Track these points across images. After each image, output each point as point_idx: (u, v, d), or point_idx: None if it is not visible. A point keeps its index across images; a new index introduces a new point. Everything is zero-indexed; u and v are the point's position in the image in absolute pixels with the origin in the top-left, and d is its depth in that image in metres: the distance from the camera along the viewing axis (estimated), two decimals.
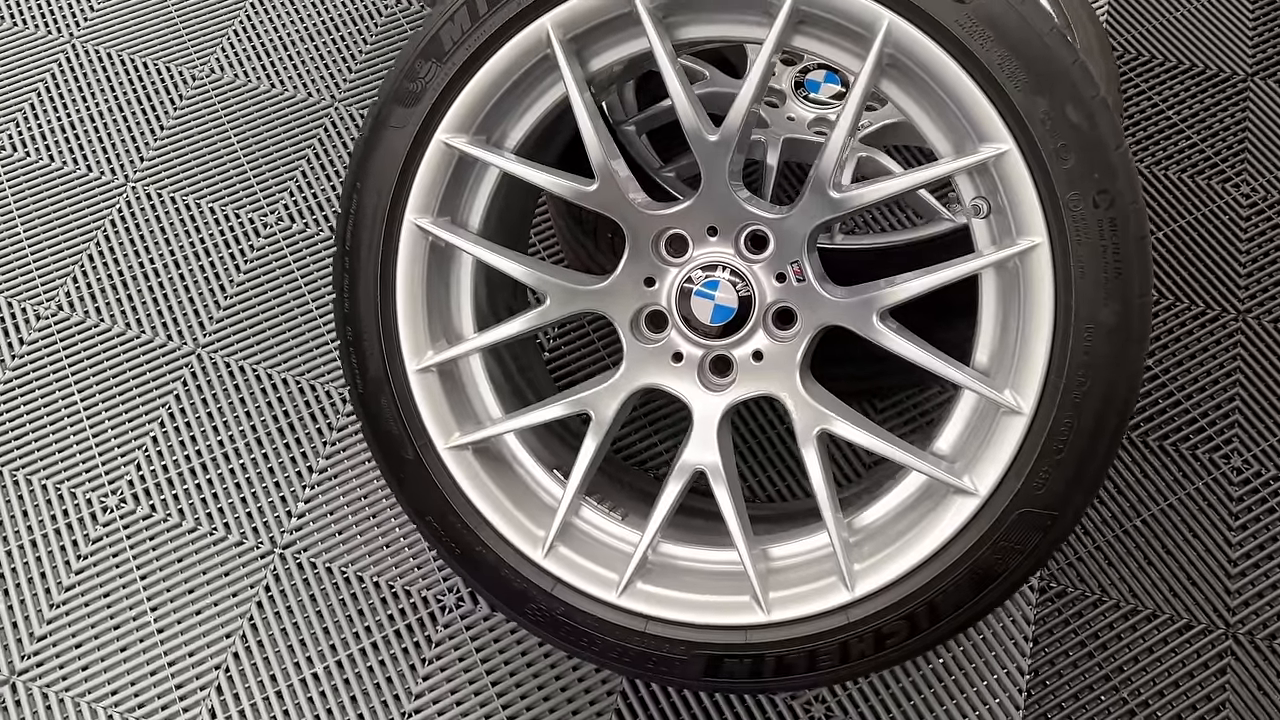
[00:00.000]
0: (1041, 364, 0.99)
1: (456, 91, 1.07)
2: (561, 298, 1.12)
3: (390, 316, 1.12)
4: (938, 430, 1.09)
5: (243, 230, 1.68)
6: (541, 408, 1.13)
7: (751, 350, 1.13)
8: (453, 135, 1.08)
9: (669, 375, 1.14)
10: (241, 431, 1.52)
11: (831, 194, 1.04)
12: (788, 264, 1.10)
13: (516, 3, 1.04)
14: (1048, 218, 0.97)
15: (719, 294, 1.12)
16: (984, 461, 1.03)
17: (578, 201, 1.10)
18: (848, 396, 1.13)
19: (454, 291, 1.16)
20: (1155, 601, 1.41)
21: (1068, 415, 0.98)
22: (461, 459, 1.13)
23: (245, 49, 1.85)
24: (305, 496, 1.47)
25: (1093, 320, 0.97)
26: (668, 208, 1.10)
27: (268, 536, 1.44)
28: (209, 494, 1.47)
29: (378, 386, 1.13)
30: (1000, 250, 1.00)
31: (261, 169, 1.74)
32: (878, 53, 0.99)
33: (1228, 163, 1.76)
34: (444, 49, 1.07)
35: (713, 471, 1.11)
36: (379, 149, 1.10)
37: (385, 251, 1.11)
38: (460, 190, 1.13)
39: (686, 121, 1.06)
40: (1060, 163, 0.96)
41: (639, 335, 1.14)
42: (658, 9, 1.04)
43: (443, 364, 1.13)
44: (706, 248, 1.12)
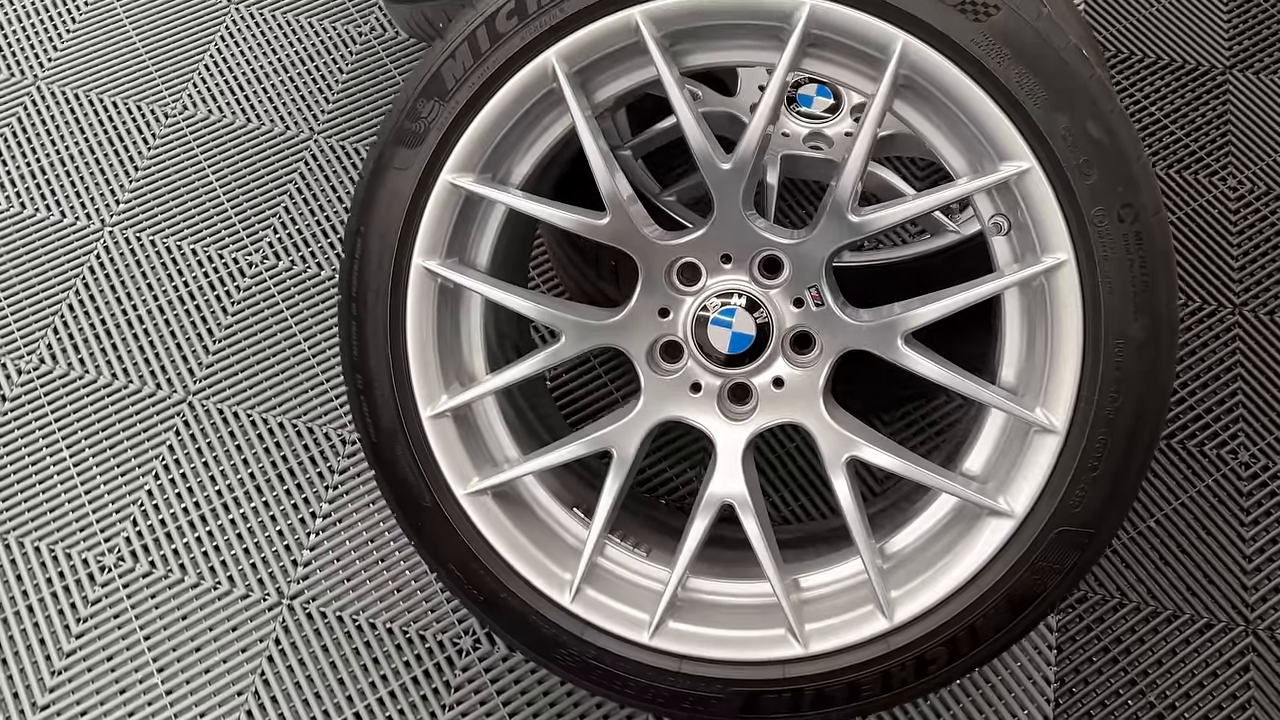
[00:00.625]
0: (1072, 381, 0.98)
1: (461, 130, 1.04)
2: (576, 334, 1.09)
3: (401, 363, 1.08)
4: (966, 450, 1.08)
5: (227, 271, 1.64)
6: (561, 447, 1.10)
7: (772, 377, 1.11)
8: (459, 175, 1.06)
9: (689, 407, 1.12)
10: (240, 480, 1.48)
11: (851, 218, 1.02)
12: (805, 289, 1.08)
13: (520, 37, 1.02)
14: (1073, 234, 0.96)
15: (736, 322, 1.10)
16: (1018, 481, 1.02)
17: (589, 236, 1.07)
18: (859, 416, 1.11)
19: (464, 332, 1.13)
20: (1174, 602, 1.41)
21: (1102, 432, 0.98)
22: (481, 504, 1.11)
23: (218, 83, 1.81)
24: (310, 544, 1.43)
25: (1123, 335, 0.96)
26: (681, 237, 1.08)
27: (274, 588, 1.40)
28: (210, 547, 1.43)
29: (391, 435, 1.10)
30: (1025, 268, 0.98)
31: (243, 207, 1.70)
32: (893, 74, 0.97)
33: (1213, 156, 1.77)
34: (446, 87, 1.04)
35: (740, 504, 1.09)
36: (382, 191, 1.07)
37: (393, 296, 1.08)
38: (467, 229, 1.10)
39: (699, 149, 1.04)
40: (1083, 179, 0.95)
41: (656, 367, 1.12)
42: (664, 38, 1.02)
43: (457, 408, 1.10)
44: (721, 275, 1.10)
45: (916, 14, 0.95)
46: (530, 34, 1.02)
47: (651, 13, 0.99)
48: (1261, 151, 1.77)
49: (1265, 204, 1.72)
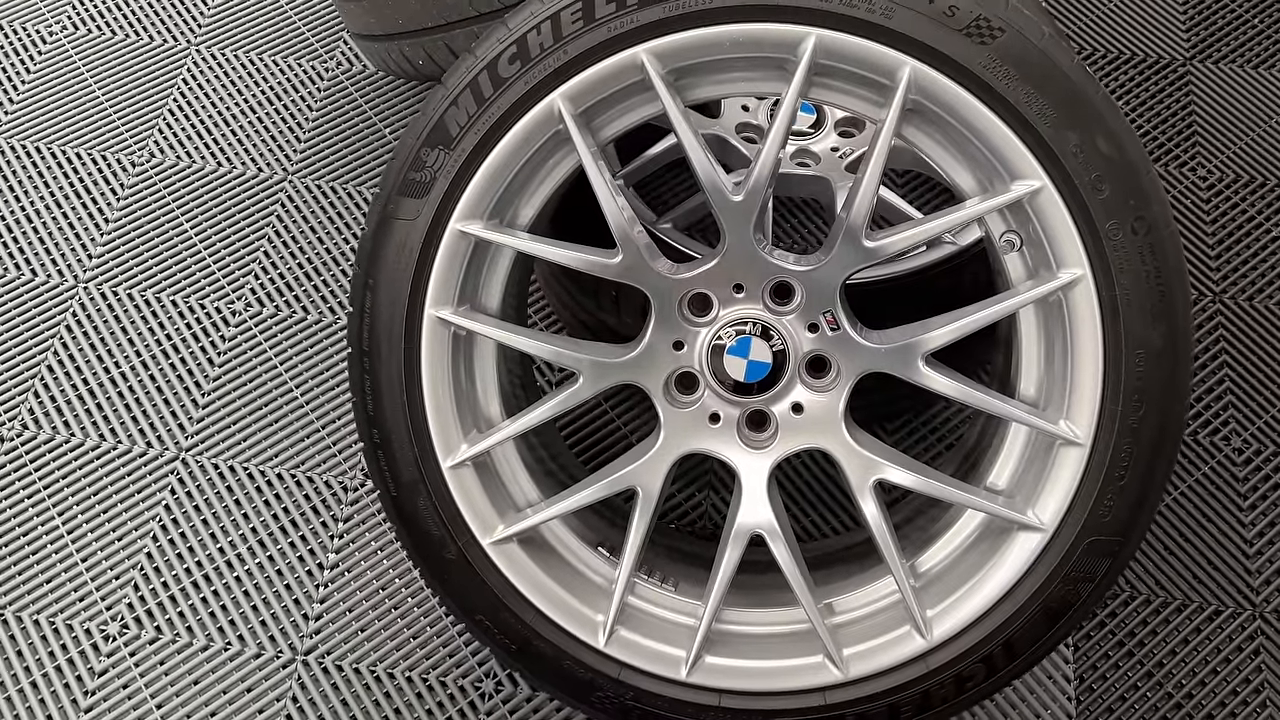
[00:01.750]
0: (1095, 393, 0.99)
1: (468, 177, 1.03)
2: (594, 374, 1.08)
3: (419, 415, 1.07)
4: (989, 464, 1.09)
5: (210, 321, 1.61)
6: (585, 489, 1.09)
7: (790, 404, 1.11)
8: (468, 222, 1.04)
9: (709, 438, 1.11)
10: (242, 536, 1.44)
11: (865, 243, 1.02)
12: (820, 314, 1.08)
13: (524, 82, 1.01)
14: (1088, 249, 0.97)
15: (752, 351, 1.10)
16: (1045, 494, 1.03)
17: (601, 274, 1.06)
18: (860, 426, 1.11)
19: (479, 378, 1.11)
20: (1182, 591, 1.44)
21: (1127, 441, 0.99)
22: (507, 552, 1.09)
23: (184, 128, 1.77)
24: (320, 596, 1.41)
25: (1143, 345, 0.97)
26: (693, 269, 1.08)
27: (286, 644, 1.37)
28: (216, 606, 1.40)
29: (412, 489, 1.08)
30: (1041, 285, 0.99)
31: (221, 254, 1.66)
32: (901, 100, 0.98)
33: (1181, 148, 1.81)
34: (450, 135, 1.02)
35: (770, 533, 1.09)
36: (390, 243, 1.05)
37: (407, 348, 1.06)
38: (478, 275, 1.09)
39: (708, 183, 1.04)
40: (1096, 194, 0.96)
41: (673, 400, 1.11)
42: (671, 74, 1.01)
43: (477, 456, 1.09)
44: (734, 306, 1.09)
45: (922, 40, 0.95)
46: (534, 78, 1.00)
47: (656, 50, 0.99)
48: (1227, 140, 1.81)
49: (1235, 191, 1.76)
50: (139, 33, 1.86)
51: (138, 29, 1.87)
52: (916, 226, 1.01)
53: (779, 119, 1.00)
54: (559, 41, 0.99)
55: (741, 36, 0.98)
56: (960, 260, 1.29)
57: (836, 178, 1.45)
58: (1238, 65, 1.88)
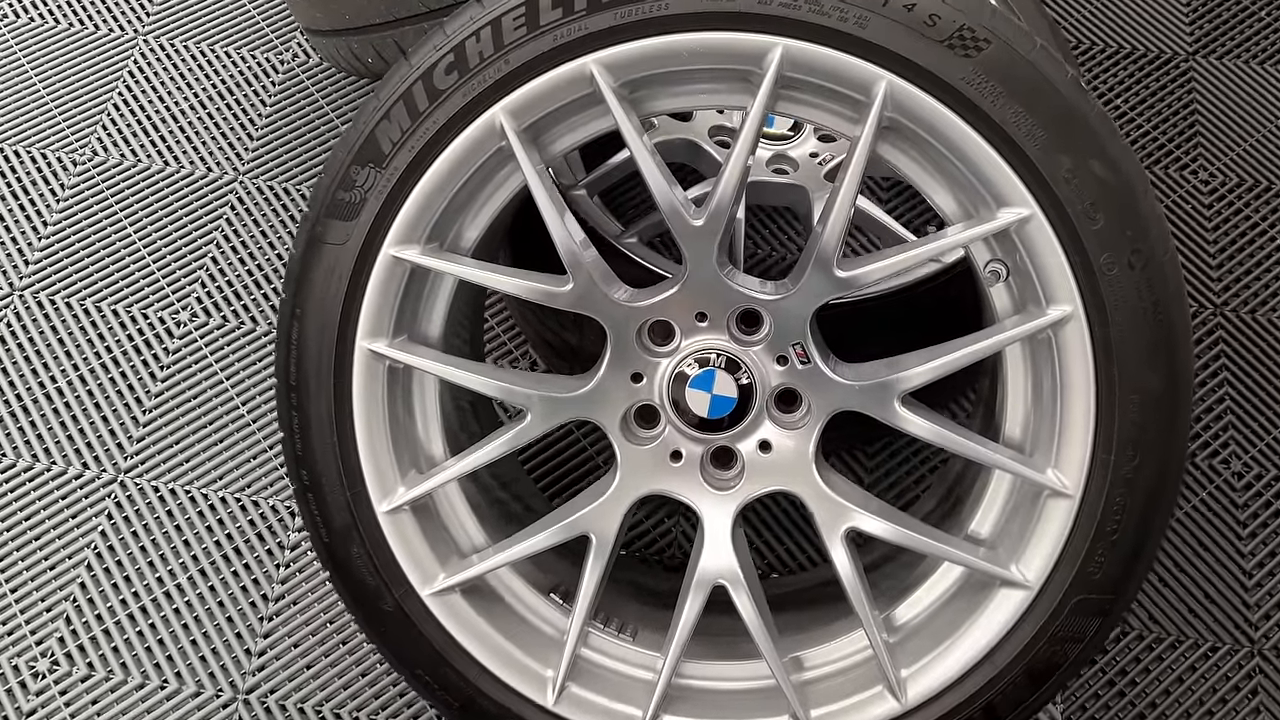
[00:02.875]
0: (1086, 441, 0.91)
1: (402, 198, 0.94)
2: (544, 410, 1.00)
3: (351, 455, 0.98)
4: (971, 509, 1.01)
5: (154, 332, 1.51)
6: (532, 536, 1.01)
7: (757, 441, 1.02)
8: (403, 247, 0.95)
9: (670, 478, 1.03)
10: (182, 565, 1.36)
11: (837, 272, 0.94)
12: (789, 345, 0.99)
13: (462, 94, 0.91)
14: (1080, 284, 0.88)
15: (716, 384, 1.01)
16: (1031, 548, 0.94)
17: (550, 304, 0.98)
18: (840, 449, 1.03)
19: (419, 414, 1.03)
20: (1176, 626, 1.36)
21: (1120, 493, 0.90)
22: (448, 603, 1.01)
23: (129, 124, 1.67)
24: (263, 630, 1.32)
25: (1139, 389, 0.89)
26: (651, 297, 0.99)
27: (227, 682, 1.29)
28: (154, 641, 1.32)
29: (345, 535, 0.99)
30: (1029, 322, 0.91)
31: (166, 260, 1.57)
32: (876, 117, 0.89)
33: (1182, 149, 1.72)
34: (383, 152, 0.93)
35: (733, 582, 1.01)
36: (318, 269, 0.96)
37: (337, 383, 0.97)
38: (416, 303, 1.00)
39: (666, 207, 0.95)
40: (1089, 223, 0.87)
41: (631, 436, 1.03)
42: (624, 87, 0.92)
43: (415, 500, 1.00)
44: (697, 336, 1.01)
45: (900, 52, 0.86)
46: (473, 90, 0.91)
47: (607, 61, 0.90)
48: (1231, 141, 1.71)
49: (1239, 196, 1.67)
50: (83, 21, 1.76)
51: (81, 17, 1.76)
52: (894, 256, 0.92)
53: (742, 136, 0.91)
54: (500, 50, 0.90)
55: (701, 46, 0.88)
56: (943, 279, 1.20)
57: (814, 186, 1.36)
58: (1243, 61, 1.78)
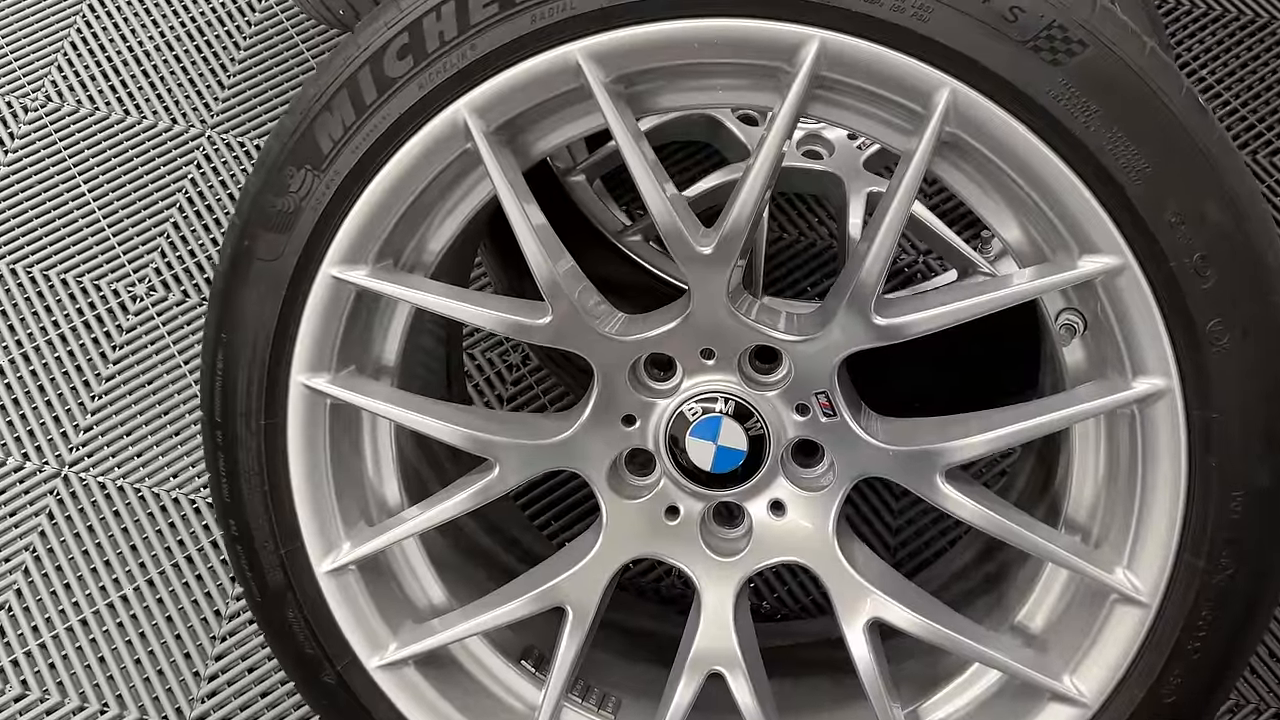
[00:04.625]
0: (1170, 541, 0.74)
1: (344, 208, 0.77)
2: (514, 461, 0.84)
3: (285, 507, 0.83)
4: (1021, 592, 0.85)
5: (106, 307, 1.36)
6: (498, 607, 0.86)
7: (768, 501, 0.87)
8: (346, 268, 0.79)
9: (664, 539, 0.88)
10: (129, 573, 1.23)
11: (875, 319, 0.76)
12: (811, 394, 0.83)
13: (418, 85, 0.74)
14: (1179, 355, 0.71)
15: (723, 435, 0.85)
16: (1092, 657, 0.79)
17: (525, 339, 0.81)
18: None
19: (370, 454, 0.88)
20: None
21: (1208, 605, 0.74)
22: (400, 678, 0.87)
23: (86, 67, 1.50)
24: (215, 652, 1.19)
25: (1243, 485, 0.72)
26: (646, 330, 0.82)
27: (173, 708, 1.17)
28: (94, 659, 1.19)
29: (279, 597, 0.85)
30: (1108, 394, 0.74)
31: (123, 224, 1.41)
32: (934, 134, 0.70)
33: (1276, 130, 1.50)
34: (322, 152, 0.76)
35: (731, 667, 0.86)
36: (246, 290, 0.80)
37: (269, 423, 0.82)
38: (366, 329, 0.84)
39: (665, 226, 0.77)
40: (1198, 281, 0.69)
41: (620, 487, 0.87)
42: (619, 80, 0.74)
43: (363, 559, 0.85)
44: (701, 376, 0.84)
45: (969, 54, 0.67)
46: (431, 80, 0.73)
47: (598, 51, 0.72)
48: None
49: None
50: None
51: None
52: (948, 304, 0.75)
53: (765, 147, 0.73)
54: (465, 32, 0.72)
55: (715, 36, 0.70)
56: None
57: (851, 175, 1.17)
58: None
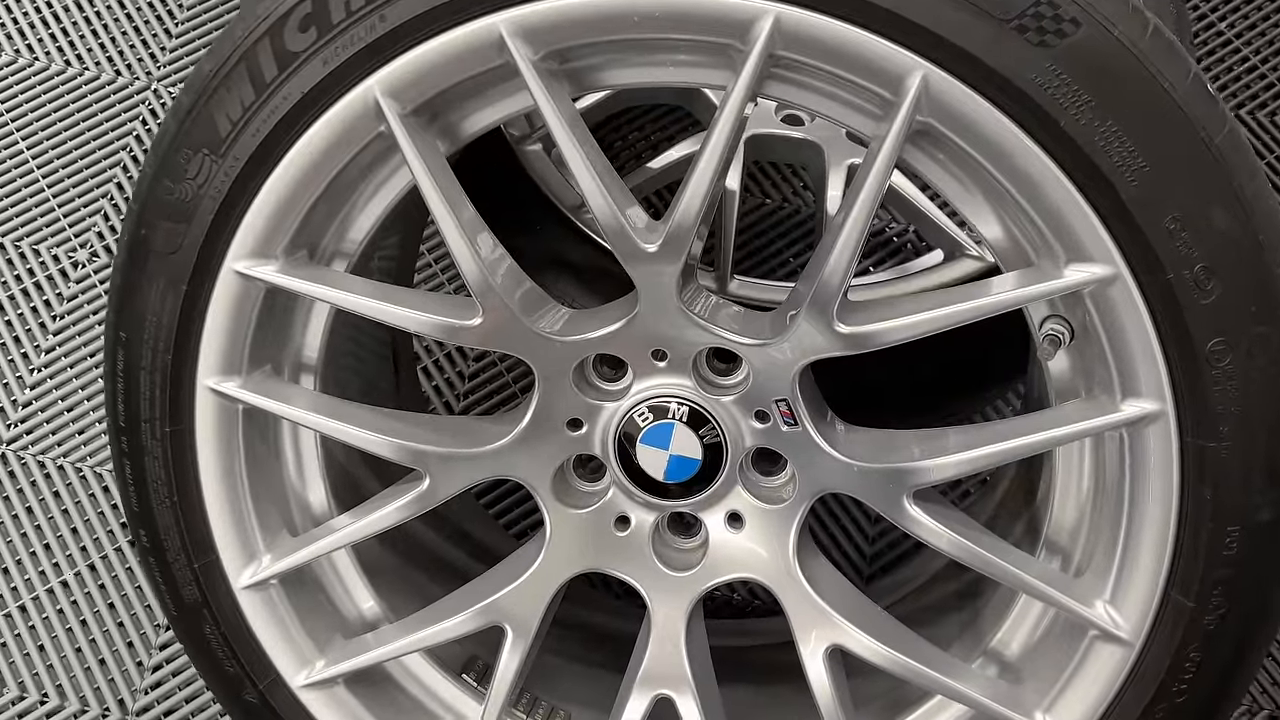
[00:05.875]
0: (1158, 577, 0.67)
1: (247, 197, 0.69)
2: (444, 473, 0.77)
3: (197, 519, 0.77)
4: (998, 618, 0.78)
5: (46, 275, 1.29)
6: (433, 625, 0.80)
7: (726, 512, 0.80)
8: (252, 262, 0.71)
9: (613, 552, 0.81)
10: (69, 557, 1.17)
11: (838, 326, 0.69)
12: (771, 401, 0.75)
13: (322, 61, 0.65)
14: (1175, 376, 0.63)
15: (675, 442, 0.78)
16: (1067, 694, 0.73)
17: (454, 341, 0.74)
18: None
19: (292, 460, 0.81)
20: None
21: (1195, 646, 0.67)
22: (328, 697, 0.81)
23: (26, 14, 1.41)
24: (161, 641, 1.14)
25: (1240, 519, 0.65)
26: (590, 330, 0.75)
27: (115, 700, 1.12)
28: (33, 647, 1.14)
29: (194, 613, 0.79)
30: (1096, 416, 0.66)
31: (63, 185, 1.33)
32: (904, 123, 0.62)
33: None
34: (219, 135, 0.68)
35: (681, 692, 0.80)
36: (144, 285, 0.72)
37: (174, 430, 0.75)
38: (283, 326, 0.76)
39: (605, 221, 0.69)
40: (1198, 294, 0.61)
41: (566, 496, 0.81)
42: (551, 57, 0.65)
43: (285, 573, 0.79)
44: (653, 378, 0.77)
45: (945, 34, 0.59)
46: (338, 55, 0.65)
47: (522, 25, 0.63)
48: None
49: None
50: None
51: None
52: (920, 313, 0.67)
53: (715, 133, 0.65)
54: (374, 2, 0.64)
55: (655, 9, 0.61)
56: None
57: (833, 144, 1.09)
58: None
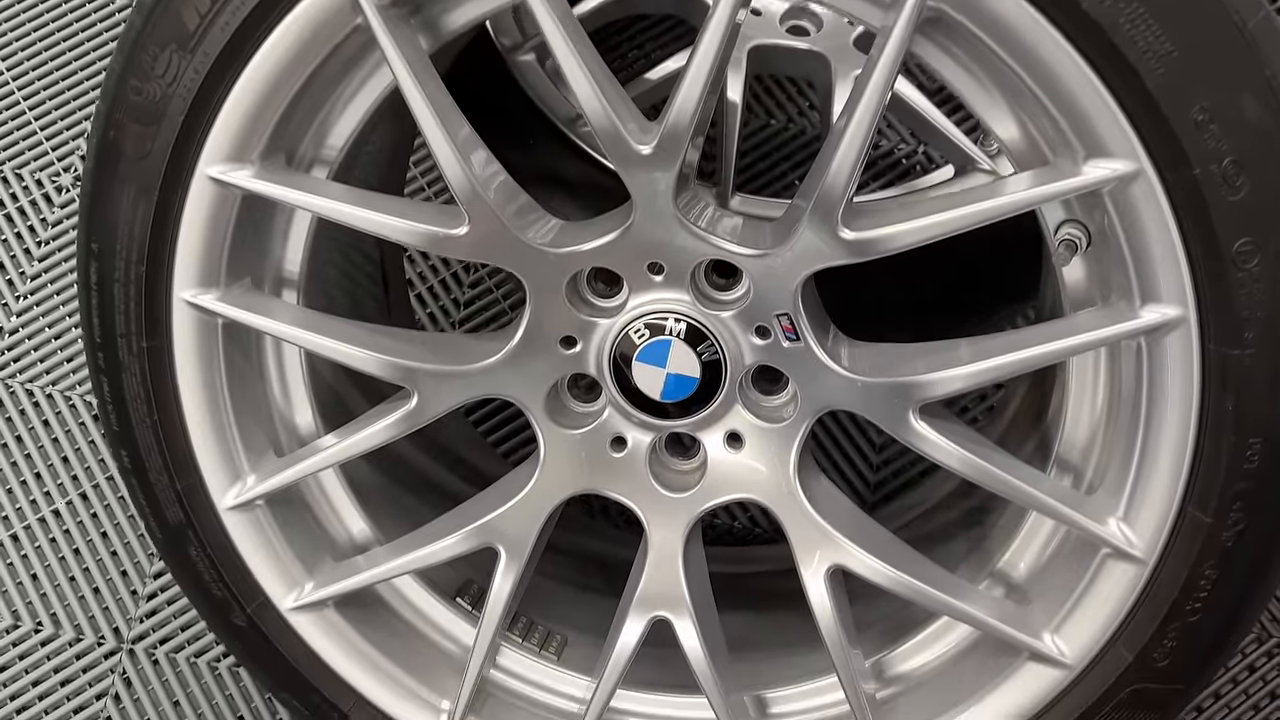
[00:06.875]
0: (1174, 491, 0.65)
1: (219, 96, 0.66)
2: (433, 391, 0.74)
3: (178, 439, 0.74)
4: (1006, 538, 0.76)
5: (30, 199, 1.26)
6: (425, 546, 0.78)
7: (725, 432, 0.77)
8: (227, 167, 0.67)
9: (609, 473, 0.79)
10: (60, 486, 1.16)
11: (842, 232, 0.65)
12: (772, 315, 0.72)
13: None
14: (1198, 279, 0.60)
15: (672, 360, 0.75)
16: (1077, 615, 0.70)
17: (441, 252, 0.71)
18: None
19: (276, 380, 0.78)
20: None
21: (1211, 564, 0.65)
22: (318, 620, 0.79)
23: None
24: (155, 569, 1.13)
25: (1263, 431, 0.62)
26: (582, 242, 0.71)
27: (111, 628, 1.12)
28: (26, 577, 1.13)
29: (179, 535, 0.77)
30: (1113, 323, 0.63)
31: (44, 105, 1.30)
32: (914, 7, 0.58)
33: None
34: (187, 29, 0.64)
35: (678, 613, 0.78)
36: (114, 193, 0.69)
37: (152, 345, 0.72)
38: (262, 237, 0.73)
39: (597, 120, 0.66)
40: (1225, 191, 0.57)
41: (560, 417, 0.78)
42: None
43: (271, 493, 0.77)
44: (649, 293, 0.74)
45: None
46: None
47: None
48: None
49: None
50: None
51: None
52: (927, 215, 0.64)
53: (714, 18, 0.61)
54: None
55: None
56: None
57: (840, 56, 1.04)
58: None
